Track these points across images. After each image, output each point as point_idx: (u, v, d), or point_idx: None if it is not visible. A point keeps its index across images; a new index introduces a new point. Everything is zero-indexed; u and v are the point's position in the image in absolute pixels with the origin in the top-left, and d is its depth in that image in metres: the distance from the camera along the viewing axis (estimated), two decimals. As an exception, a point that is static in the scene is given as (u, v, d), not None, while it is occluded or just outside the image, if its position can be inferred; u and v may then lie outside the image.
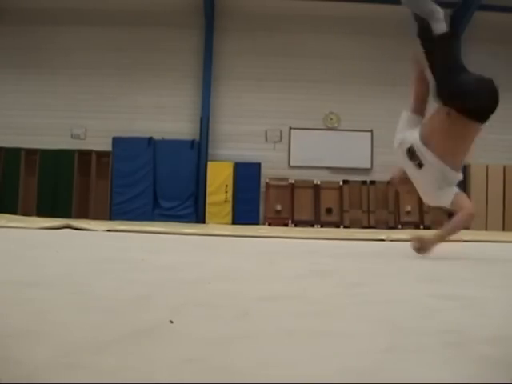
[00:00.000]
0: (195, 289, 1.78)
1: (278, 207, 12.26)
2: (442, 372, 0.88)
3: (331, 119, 12.79)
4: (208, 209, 12.12)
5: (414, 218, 12.28)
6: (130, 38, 12.68)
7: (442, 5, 3.36)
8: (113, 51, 12.66)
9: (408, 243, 3.36)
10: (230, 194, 12.16)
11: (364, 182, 12.50)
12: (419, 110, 3.62)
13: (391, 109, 12.68)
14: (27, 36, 12.60)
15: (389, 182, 3.67)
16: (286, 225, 12.04)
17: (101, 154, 12.21)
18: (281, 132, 12.74)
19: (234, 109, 12.69)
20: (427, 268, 2.80)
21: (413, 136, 3.46)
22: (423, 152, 3.39)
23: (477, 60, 13.01)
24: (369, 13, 12.62)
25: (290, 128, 12.68)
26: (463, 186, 12.65)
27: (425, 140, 3.40)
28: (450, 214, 3.57)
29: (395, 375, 0.86)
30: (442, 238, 3.31)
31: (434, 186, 3.41)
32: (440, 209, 3.55)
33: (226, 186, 12.16)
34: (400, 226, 12.13)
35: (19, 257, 2.85)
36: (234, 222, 11.85)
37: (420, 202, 12.46)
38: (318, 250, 4.13)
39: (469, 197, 3.52)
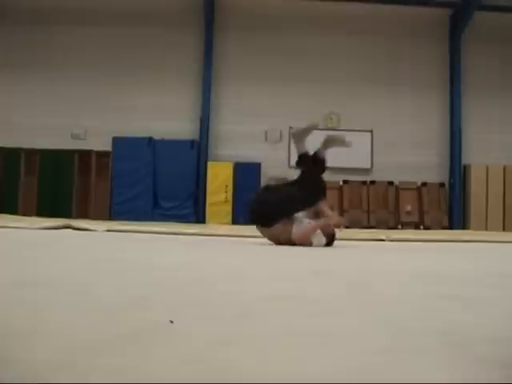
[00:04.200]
0: (195, 289, 1.78)
1: (278, 207, 12.23)
2: (442, 372, 0.88)
3: (331, 119, 12.79)
4: (208, 209, 12.12)
5: (414, 218, 12.28)
6: (130, 37, 12.68)
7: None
8: (113, 51, 12.67)
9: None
10: (230, 194, 12.15)
11: (364, 182, 12.49)
12: None
13: (391, 109, 12.70)
14: (27, 36, 12.59)
15: None
16: (286, 225, 12.01)
17: (101, 154, 12.21)
18: (281, 132, 12.73)
19: (234, 109, 12.68)
20: (427, 268, 2.80)
21: None
22: None
23: (477, 60, 13.05)
24: (369, 13, 12.61)
25: (290, 128, 12.67)
26: (463, 186, 12.64)
27: None
28: None
29: (395, 375, 0.86)
30: None
31: None
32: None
33: (226, 186, 12.15)
34: (400, 226, 12.13)
35: (19, 257, 2.85)
36: (234, 222, 11.84)
37: (420, 202, 12.49)
38: (317, 249, 4.13)
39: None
